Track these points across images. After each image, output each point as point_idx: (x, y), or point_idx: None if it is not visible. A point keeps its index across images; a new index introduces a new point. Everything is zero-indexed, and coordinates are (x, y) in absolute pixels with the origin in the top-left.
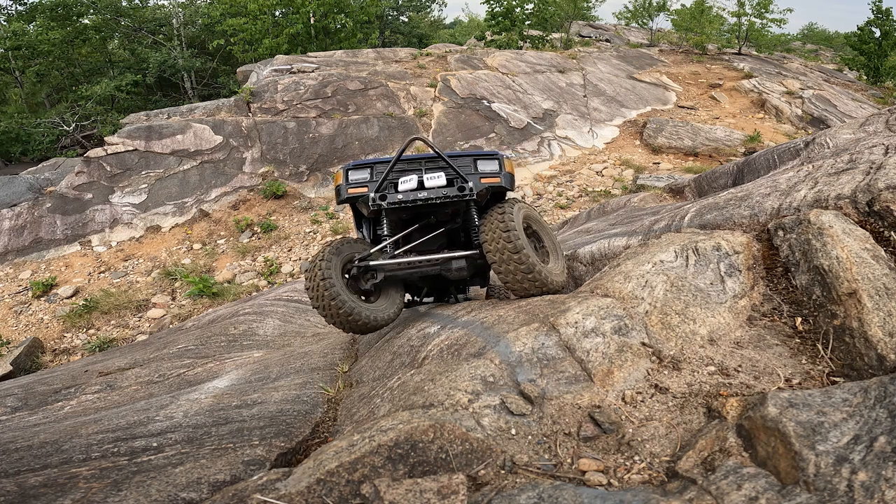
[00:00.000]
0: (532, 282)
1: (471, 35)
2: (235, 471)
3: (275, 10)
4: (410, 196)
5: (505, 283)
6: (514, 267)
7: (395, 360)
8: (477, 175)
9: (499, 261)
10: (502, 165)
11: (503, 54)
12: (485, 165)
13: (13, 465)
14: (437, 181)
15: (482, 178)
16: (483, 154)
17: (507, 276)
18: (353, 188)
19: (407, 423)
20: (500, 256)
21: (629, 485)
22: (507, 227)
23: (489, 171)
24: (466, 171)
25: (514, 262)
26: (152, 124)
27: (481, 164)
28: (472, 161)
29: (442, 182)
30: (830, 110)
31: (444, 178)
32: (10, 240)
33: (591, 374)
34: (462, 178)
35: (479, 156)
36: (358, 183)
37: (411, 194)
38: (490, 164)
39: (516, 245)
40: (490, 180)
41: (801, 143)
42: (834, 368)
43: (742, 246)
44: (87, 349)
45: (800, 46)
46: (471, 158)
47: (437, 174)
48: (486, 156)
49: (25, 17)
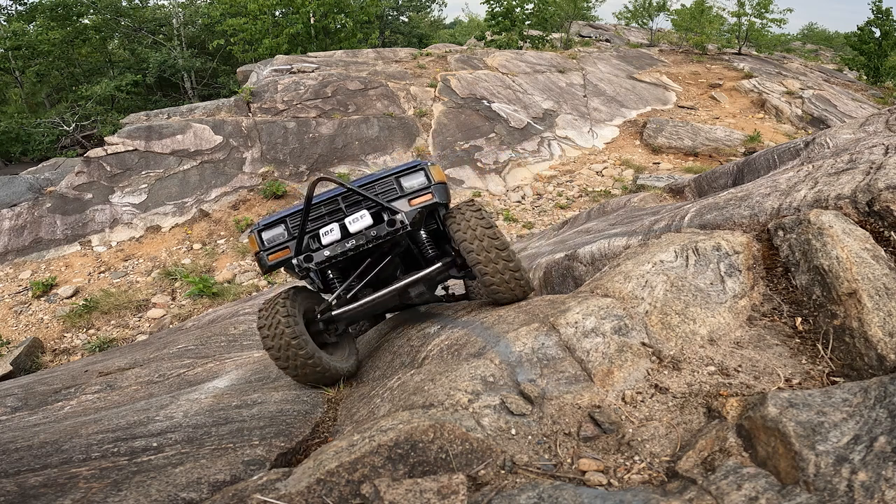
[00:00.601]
0: (518, 282)
1: (471, 35)
2: (235, 471)
3: (275, 10)
4: (338, 249)
5: (490, 285)
6: (502, 266)
7: (395, 360)
8: (405, 197)
9: (485, 261)
10: (430, 176)
11: (503, 54)
12: (410, 181)
13: (13, 465)
14: (362, 222)
15: (411, 200)
16: (404, 168)
17: (493, 278)
18: (272, 253)
19: (407, 423)
20: (487, 256)
21: (629, 485)
22: (489, 223)
23: (417, 189)
24: (391, 195)
25: (502, 260)
26: (152, 124)
27: (406, 180)
28: (394, 180)
29: (367, 221)
30: (830, 110)
31: (368, 215)
32: (10, 240)
33: (591, 374)
34: (389, 209)
35: (400, 172)
36: (276, 246)
37: (338, 246)
38: (415, 178)
39: (503, 242)
40: (421, 199)
41: (801, 143)
42: (834, 368)
43: (742, 246)
44: (87, 349)
45: (800, 46)
46: (392, 178)
47: (360, 213)
48: (409, 169)
49: (25, 17)
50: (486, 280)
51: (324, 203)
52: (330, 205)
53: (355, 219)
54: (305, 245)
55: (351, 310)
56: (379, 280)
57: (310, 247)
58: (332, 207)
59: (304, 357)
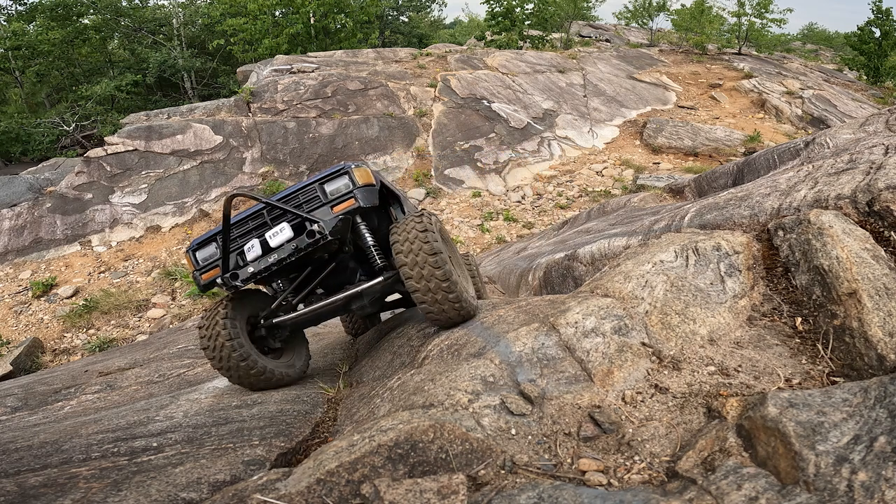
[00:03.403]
0: (453, 305)
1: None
2: (235, 471)
3: (275, 10)
4: (261, 265)
5: (421, 304)
6: (435, 285)
7: (395, 360)
8: (328, 204)
9: (416, 277)
10: (353, 179)
11: (503, 54)
12: (333, 186)
13: (13, 465)
14: (282, 235)
15: (334, 207)
16: (327, 175)
17: (425, 297)
18: (206, 272)
19: (407, 423)
20: (420, 273)
21: (629, 485)
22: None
23: (341, 194)
24: (315, 204)
25: (436, 280)
26: (152, 124)
27: (329, 186)
28: (318, 187)
29: (287, 234)
30: (830, 110)
31: (288, 228)
32: (10, 240)
33: (591, 374)
34: (309, 219)
35: (323, 178)
36: (209, 264)
37: (261, 262)
38: (338, 183)
39: (440, 260)
40: (344, 206)
41: (801, 143)
42: (834, 368)
43: (742, 246)
44: (87, 349)
45: (800, 46)
46: (316, 184)
47: (280, 226)
48: (332, 175)
49: (25, 17)
50: (417, 298)
51: (250, 218)
52: (256, 219)
53: (275, 233)
54: (235, 262)
55: (291, 318)
56: (333, 285)
57: (238, 263)
58: (258, 222)
59: (237, 359)
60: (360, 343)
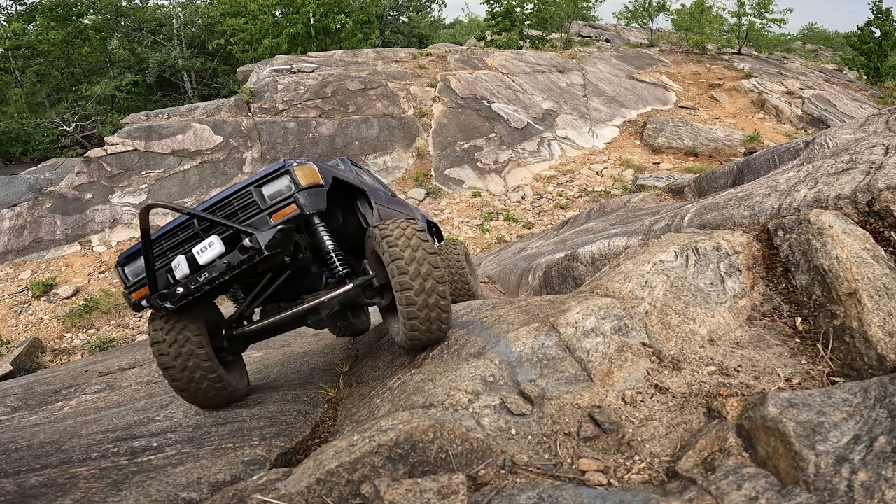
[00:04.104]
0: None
1: (471, 35)
2: (235, 471)
3: (275, 10)
4: (191, 285)
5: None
6: (434, 301)
7: (395, 360)
8: (265, 212)
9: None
10: (295, 181)
11: (503, 54)
12: (272, 189)
13: (13, 465)
14: (211, 251)
15: (273, 215)
16: (265, 175)
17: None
18: (136, 290)
19: (407, 423)
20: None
21: (629, 485)
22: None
23: (280, 199)
24: (251, 211)
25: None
26: (152, 124)
27: (267, 189)
28: (253, 191)
29: (218, 249)
30: (830, 110)
31: (219, 242)
32: (10, 240)
33: (591, 374)
34: (241, 231)
35: (260, 180)
36: (139, 281)
37: (191, 281)
38: (278, 185)
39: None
40: (284, 213)
41: (801, 143)
42: (834, 368)
43: (742, 246)
44: (87, 349)
45: (800, 46)
46: (252, 187)
47: (208, 241)
48: (270, 175)
49: (25, 17)
50: (409, 313)
51: (180, 228)
52: (186, 229)
53: (203, 248)
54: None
55: (251, 330)
56: (297, 292)
57: (169, 281)
58: (189, 233)
59: (211, 381)
60: (360, 343)
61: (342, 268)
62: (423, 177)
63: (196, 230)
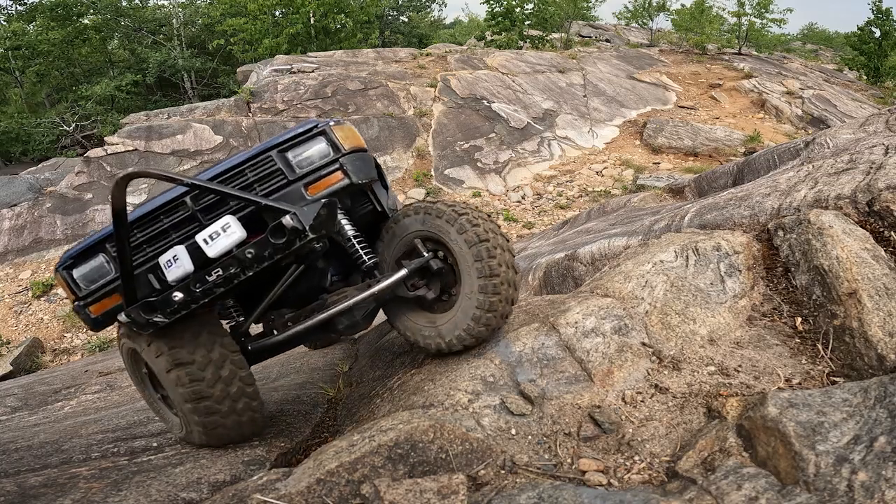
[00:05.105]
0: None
1: (471, 35)
2: (235, 471)
3: (275, 10)
4: (199, 288)
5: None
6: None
7: (396, 360)
8: (298, 182)
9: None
10: (336, 143)
11: (503, 54)
12: (304, 154)
13: (13, 465)
14: (227, 238)
15: (310, 186)
16: (291, 137)
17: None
18: (94, 302)
19: (407, 423)
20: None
21: (629, 485)
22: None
23: (318, 166)
24: (276, 182)
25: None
26: (152, 124)
27: (296, 153)
28: (276, 156)
29: (237, 235)
30: (830, 110)
31: (237, 225)
32: (10, 240)
33: (591, 374)
34: (272, 208)
35: (285, 142)
36: (100, 289)
37: (197, 283)
38: (311, 149)
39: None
40: (326, 183)
41: (801, 143)
42: (834, 368)
43: (742, 246)
44: (87, 349)
45: (800, 46)
46: (274, 152)
47: (222, 223)
48: (299, 136)
49: (25, 17)
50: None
51: (163, 211)
52: (174, 212)
53: (214, 234)
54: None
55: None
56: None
57: (154, 286)
58: (178, 216)
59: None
60: (360, 343)
61: (369, 257)
62: (423, 177)
63: (189, 211)
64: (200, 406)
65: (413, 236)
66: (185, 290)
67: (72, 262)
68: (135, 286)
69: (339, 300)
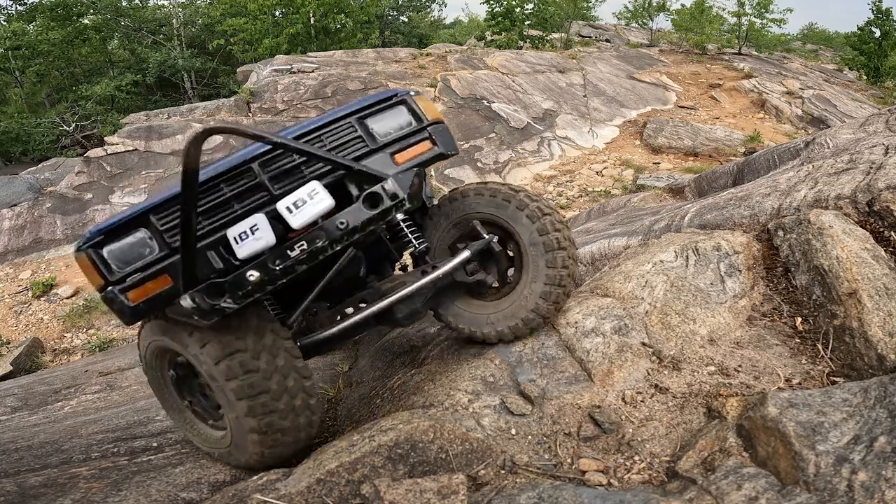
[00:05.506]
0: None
1: (471, 35)
2: (235, 470)
3: (275, 10)
4: (277, 266)
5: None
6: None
7: (396, 361)
8: (381, 150)
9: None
10: (418, 112)
11: (503, 54)
12: (385, 123)
13: (13, 465)
14: (317, 205)
15: (396, 155)
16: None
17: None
18: (134, 287)
19: (407, 423)
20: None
21: (629, 485)
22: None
23: (405, 134)
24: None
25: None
26: (152, 124)
27: (376, 122)
28: (355, 123)
29: (327, 203)
30: (830, 110)
31: (325, 193)
32: (10, 240)
33: (591, 373)
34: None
35: (364, 109)
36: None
37: (277, 262)
38: (393, 118)
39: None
40: (415, 152)
41: (801, 143)
42: (834, 368)
43: (742, 246)
44: (87, 349)
45: (800, 46)
46: (352, 118)
47: (309, 188)
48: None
49: (25, 17)
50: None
51: (225, 179)
52: (238, 180)
53: (299, 201)
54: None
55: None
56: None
57: (213, 265)
58: (243, 184)
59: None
60: (360, 343)
61: (419, 242)
62: None
63: (256, 179)
64: (257, 403)
65: (471, 218)
66: (262, 269)
67: (102, 238)
68: (194, 265)
69: (395, 286)
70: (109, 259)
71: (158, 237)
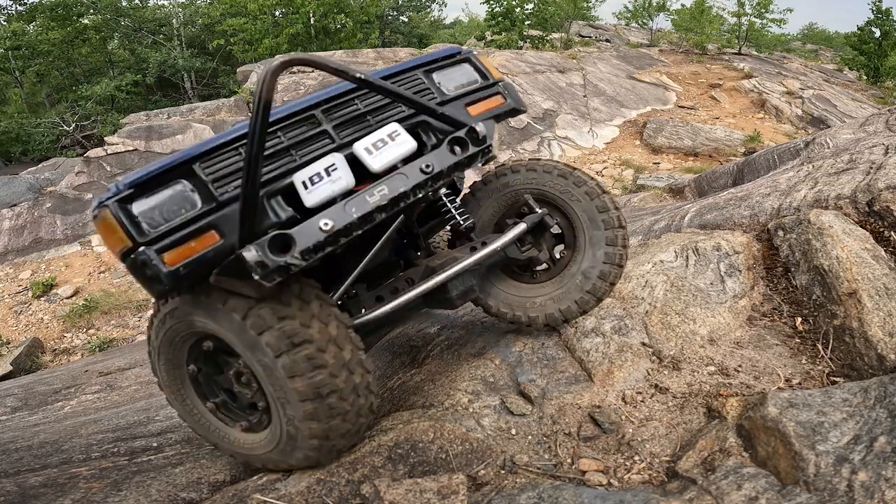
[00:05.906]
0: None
1: (471, 35)
2: (235, 471)
3: (275, 10)
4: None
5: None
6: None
7: (395, 361)
8: (454, 101)
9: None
10: (483, 70)
11: (503, 54)
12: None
13: (13, 465)
14: (400, 147)
15: (470, 106)
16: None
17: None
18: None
19: (407, 423)
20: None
21: (629, 485)
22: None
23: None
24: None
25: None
26: (152, 124)
27: (442, 76)
28: (422, 76)
29: (409, 145)
30: (830, 110)
31: (405, 134)
32: (10, 240)
33: (591, 373)
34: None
35: (429, 63)
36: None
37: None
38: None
39: None
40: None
41: (801, 143)
42: (834, 368)
43: (742, 246)
44: (87, 349)
45: (800, 46)
46: (420, 71)
47: (390, 129)
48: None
49: (25, 17)
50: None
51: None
52: (297, 127)
53: (380, 142)
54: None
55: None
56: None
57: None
58: (304, 132)
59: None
60: None
61: (464, 218)
62: None
63: (320, 127)
64: (324, 406)
65: (522, 192)
66: (339, 218)
67: (131, 192)
68: (254, 216)
69: (446, 263)
70: (140, 217)
71: (202, 189)
